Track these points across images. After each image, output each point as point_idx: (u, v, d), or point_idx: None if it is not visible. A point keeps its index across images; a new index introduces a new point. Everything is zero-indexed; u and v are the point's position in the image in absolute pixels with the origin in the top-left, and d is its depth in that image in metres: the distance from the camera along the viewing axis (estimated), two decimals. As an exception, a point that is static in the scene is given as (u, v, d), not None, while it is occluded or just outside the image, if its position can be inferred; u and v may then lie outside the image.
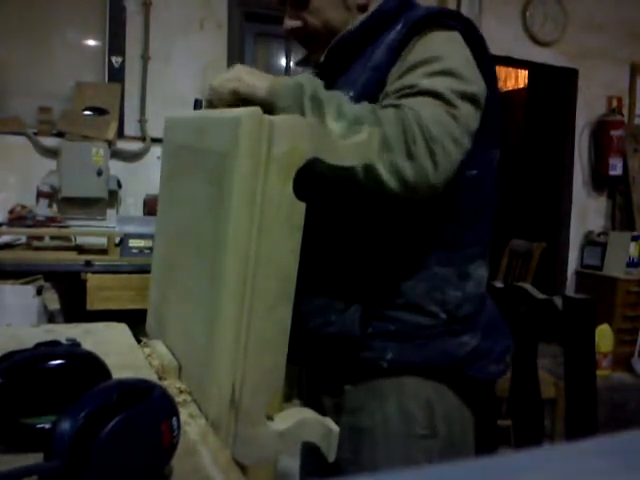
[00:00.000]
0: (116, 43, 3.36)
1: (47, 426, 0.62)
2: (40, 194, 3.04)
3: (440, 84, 0.91)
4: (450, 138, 0.88)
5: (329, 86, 0.95)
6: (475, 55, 0.97)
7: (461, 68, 0.93)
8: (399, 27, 1.00)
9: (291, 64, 3.83)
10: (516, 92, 5.62)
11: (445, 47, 0.95)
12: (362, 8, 1.07)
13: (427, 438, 1.03)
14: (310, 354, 1.08)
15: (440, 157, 0.87)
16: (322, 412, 1.06)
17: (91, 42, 3.44)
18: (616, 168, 4.49)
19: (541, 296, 1.21)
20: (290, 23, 1.09)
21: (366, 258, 1.02)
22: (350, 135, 0.86)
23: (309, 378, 1.19)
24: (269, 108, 0.89)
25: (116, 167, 3.25)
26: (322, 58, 1.09)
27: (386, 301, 1.01)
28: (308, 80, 0.92)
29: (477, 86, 0.94)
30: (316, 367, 1.13)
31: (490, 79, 0.99)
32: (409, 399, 1.03)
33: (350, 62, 1.05)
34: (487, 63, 0.99)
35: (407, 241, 1.01)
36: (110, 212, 3.25)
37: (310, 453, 0.87)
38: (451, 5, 3.99)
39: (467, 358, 1.03)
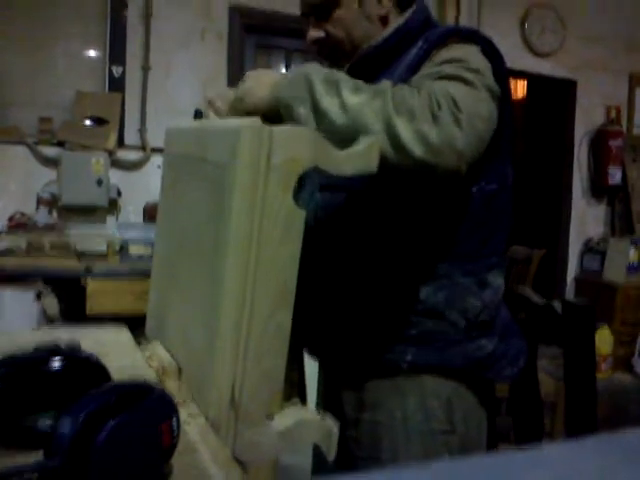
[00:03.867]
0: (116, 53, 3.37)
1: (47, 425, 0.62)
2: (40, 201, 3.04)
3: (466, 74, 0.90)
4: (477, 115, 0.87)
5: None
6: (493, 72, 0.97)
7: (484, 69, 0.94)
8: (420, 44, 1.02)
9: (291, 74, 3.83)
10: (515, 103, 5.64)
11: (467, 54, 0.96)
12: (383, 19, 1.09)
13: (446, 433, 1.05)
14: (332, 350, 1.11)
15: (466, 126, 0.84)
16: (340, 407, 1.09)
17: (92, 52, 3.46)
18: (615, 177, 4.49)
19: (541, 301, 1.21)
20: (313, 34, 1.11)
21: (390, 268, 1.04)
22: (372, 101, 0.84)
23: (328, 373, 1.21)
24: (277, 111, 0.89)
25: (116, 176, 3.25)
26: (344, 71, 1.07)
27: (408, 308, 1.03)
28: (315, 68, 0.91)
29: (497, 90, 0.94)
30: (337, 362, 1.15)
31: (506, 96, 1.00)
32: (430, 397, 1.05)
33: (373, 78, 1.04)
34: (504, 81, 1.00)
35: (431, 254, 1.03)
36: (110, 219, 3.25)
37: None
38: (450, 16, 4.01)
39: (485, 361, 1.05)
